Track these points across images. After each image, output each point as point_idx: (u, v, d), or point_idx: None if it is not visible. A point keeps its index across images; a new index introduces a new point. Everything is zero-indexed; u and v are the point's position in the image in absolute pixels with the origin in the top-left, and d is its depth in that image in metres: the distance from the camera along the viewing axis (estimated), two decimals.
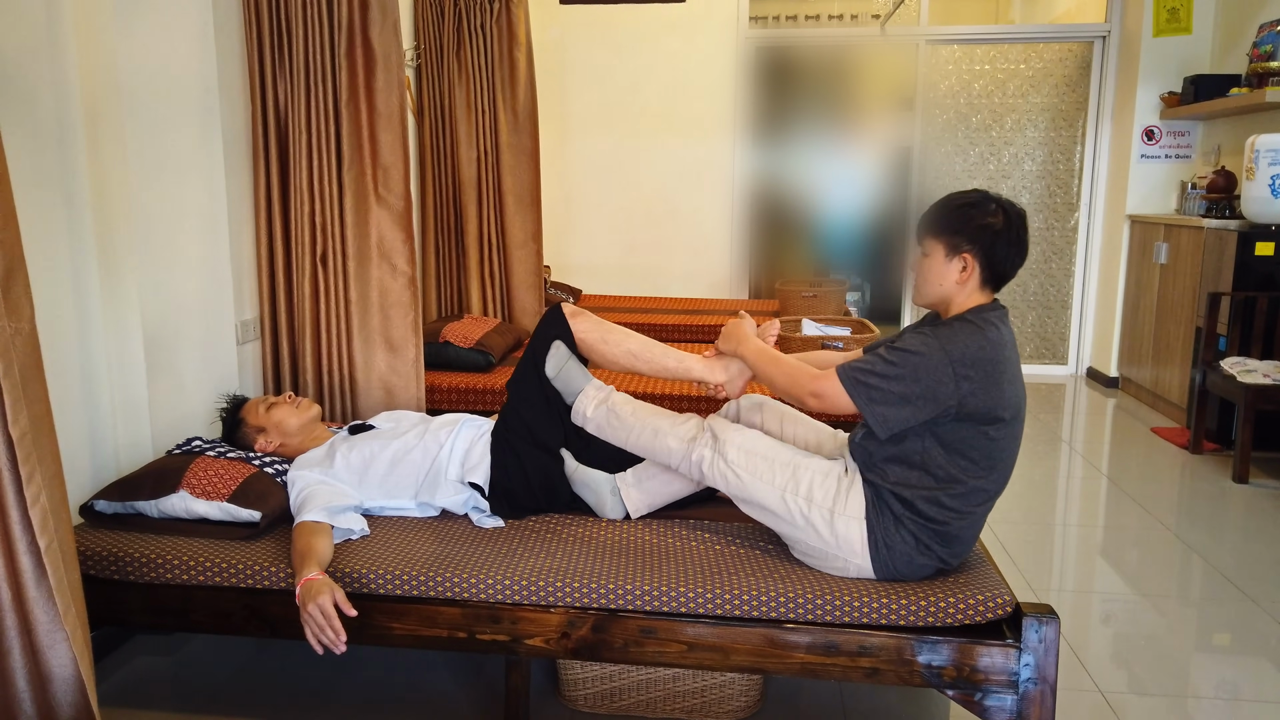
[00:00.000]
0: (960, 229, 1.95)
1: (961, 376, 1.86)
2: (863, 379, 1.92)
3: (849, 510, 1.98)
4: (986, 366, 1.87)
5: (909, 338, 1.96)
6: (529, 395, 2.32)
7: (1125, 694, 2.37)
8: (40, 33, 2.24)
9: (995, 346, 1.90)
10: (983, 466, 1.95)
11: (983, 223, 1.94)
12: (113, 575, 2.10)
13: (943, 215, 1.99)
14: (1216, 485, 3.96)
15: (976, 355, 1.87)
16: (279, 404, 2.52)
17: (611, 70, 6.07)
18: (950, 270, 1.97)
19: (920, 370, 1.87)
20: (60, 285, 2.33)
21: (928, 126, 6.07)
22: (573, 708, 2.26)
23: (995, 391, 1.88)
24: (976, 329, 1.91)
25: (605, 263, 6.27)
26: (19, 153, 2.16)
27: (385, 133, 2.98)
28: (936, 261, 1.99)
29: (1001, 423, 1.92)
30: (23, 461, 1.56)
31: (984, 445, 1.93)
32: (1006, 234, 1.94)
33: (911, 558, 1.96)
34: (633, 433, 2.24)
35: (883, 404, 1.90)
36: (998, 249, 1.94)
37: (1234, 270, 4.34)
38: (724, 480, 2.10)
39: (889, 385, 1.90)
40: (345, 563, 2.05)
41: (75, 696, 1.67)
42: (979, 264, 1.95)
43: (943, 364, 1.86)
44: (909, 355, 1.89)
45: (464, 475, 2.29)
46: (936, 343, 1.89)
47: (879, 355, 1.94)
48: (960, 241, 1.95)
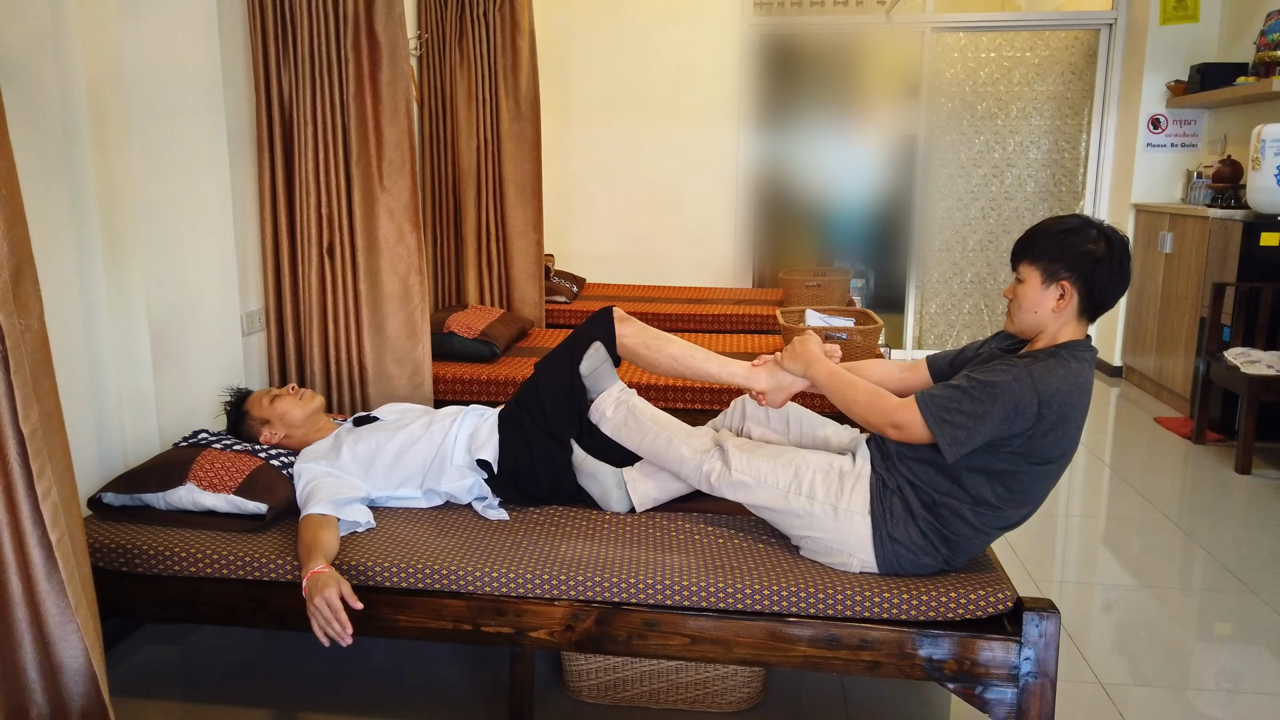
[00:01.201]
0: (1059, 255, 1.89)
1: (1043, 416, 1.82)
2: (949, 417, 1.86)
3: (853, 505, 2.00)
4: (1068, 406, 1.83)
5: (999, 369, 1.87)
6: (554, 379, 2.34)
7: (1125, 685, 2.39)
8: (45, 27, 2.24)
9: (1082, 392, 1.86)
10: (1018, 498, 1.93)
11: (1083, 249, 1.88)
12: (121, 567, 2.12)
13: (1041, 241, 1.92)
14: (1219, 476, 3.97)
15: (1065, 398, 1.82)
16: (283, 396, 2.53)
17: (615, 58, 6.05)
18: (1047, 298, 1.91)
19: (1008, 406, 1.82)
20: (66, 279, 2.34)
21: (933, 114, 6.05)
22: (576, 698, 2.29)
23: (1063, 435, 1.86)
24: (1069, 367, 1.86)
25: (608, 252, 6.27)
26: (25, 147, 2.16)
27: (391, 125, 2.98)
28: (1033, 288, 1.92)
29: (1057, 464, 1.90)
30: (34, 457, 1.57)
31: (1027, 482, 1.92)
32: (1108, 262, 1.87)
33: (917, 555, 1.97)
34: (647, 436, 2.26)
35: (966, 442, 1.86)
36: (1098, 277, 1.88)
37: (1239, 260, 4.33)
38: (731, 489, 2.13)
39: (975, 424, 1.84)
40: (351, 555, 2.06)
41: (87, 687, 1.69)
42: (1078, 292, 1.89)
43: (1030, 398, 1.81)
44: (997, 390, 1.83)
45: (471, 457, 2.31)
46: (1030, 380, 1.83)
47: (965, 391, 1.86)
48: (1059, 268, 1.89)
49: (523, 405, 2.35)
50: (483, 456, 2.30)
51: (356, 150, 2.99)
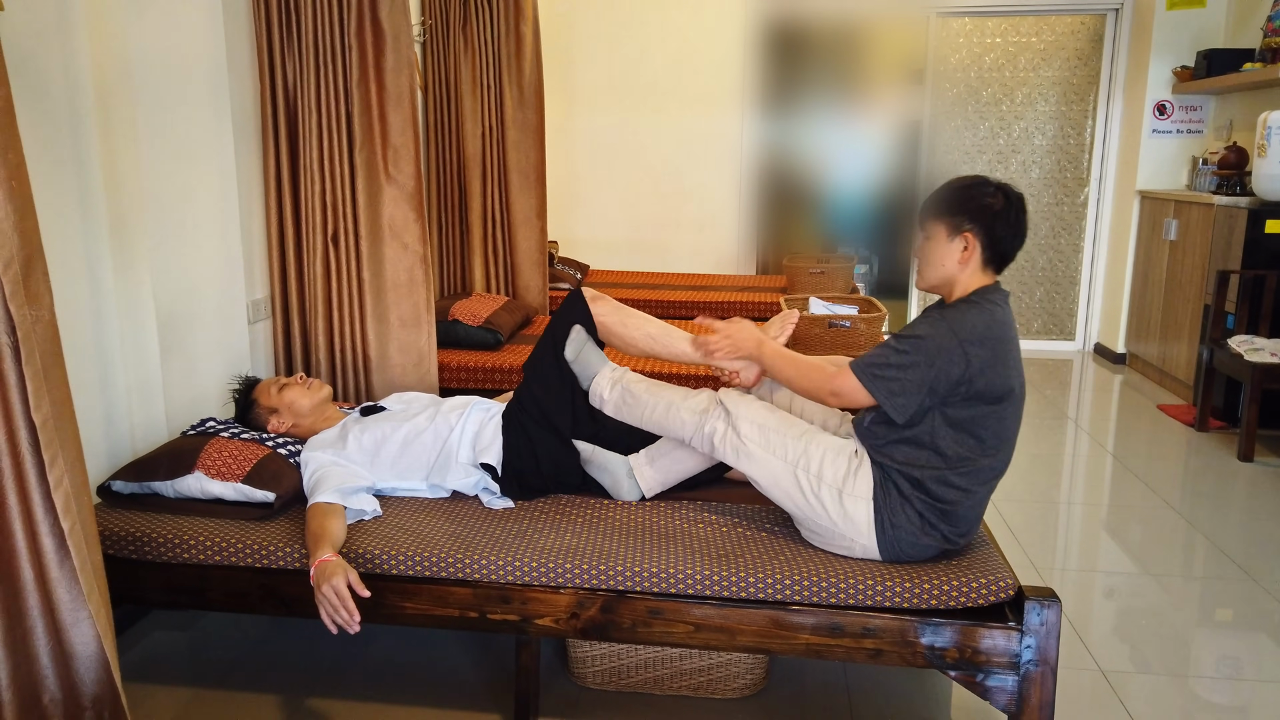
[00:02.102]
0: (960, 209, 2.00)
1: (972, 355, 1.91)
2: (879, 372, 1.96)
3: (857, 490, 2.02)
4: (994, 345, 1.92)
5: (917, 324, 2.00)
6: (544, 377, 2.35)
7: (1126, 672, 2.40)
8: (51, 19, 2.25)
9: (1001, 326, 1.95)
10: (990, 445, 1.99)
11: (983, 203, 1.98)
12: (130, 555, 2.14)
13: (943, 197, 2.04)
14: (1222, 463, 3.98)
15: (984, 334, 1.92)
16: (291, 385, 2.55)
17: (618, 44, 6.03)
18: (952, 251, 2.01)
19: (932, 352, 1.92)
20: (74, 268, 2.35)
21: (937, 100, 6.03)
22: (581, 684, 2.31)
23: (1002, 369, 1.93)
24: (982, 309, 1.96)
25: (612, 238, 6.27)
26: (32, 138, 2.17)
27: (395, 113, 2.98)
28: (939, 243, 2.03)
29: (1007, 400, 1.96)
30: (45, 446, 1.59)
31: (991, 424, 1.97)
32: (1006, 214, 1.98)
33: (916, 538, 1.99)
34: (647, 409, 2.27)
35: (901, 394, 1.95)
36: (998, 228, 1.98)
37: (1243, 248, 4.32)
38: (735, 454, 2.13)
39: (905, 374, 1.94)
40: (359, 543, 2.08)
41: (99, 673, 1.71)
42: (980, 243, 1.99)
43: (952, 344, 1.91)
44: (920, 340, 1.94)
45: (476, 457, 2.32)
46: (945, 325, 1.94)
47: (890, 346, 1.98)
48: (961, 221, 1.99)
49: (522, 406, 2.36)
50: (487, 460, 2.31)
51: (361, 138, 2.99)
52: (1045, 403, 4.90)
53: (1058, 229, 6.09)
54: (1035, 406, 4.82)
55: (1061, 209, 6.07)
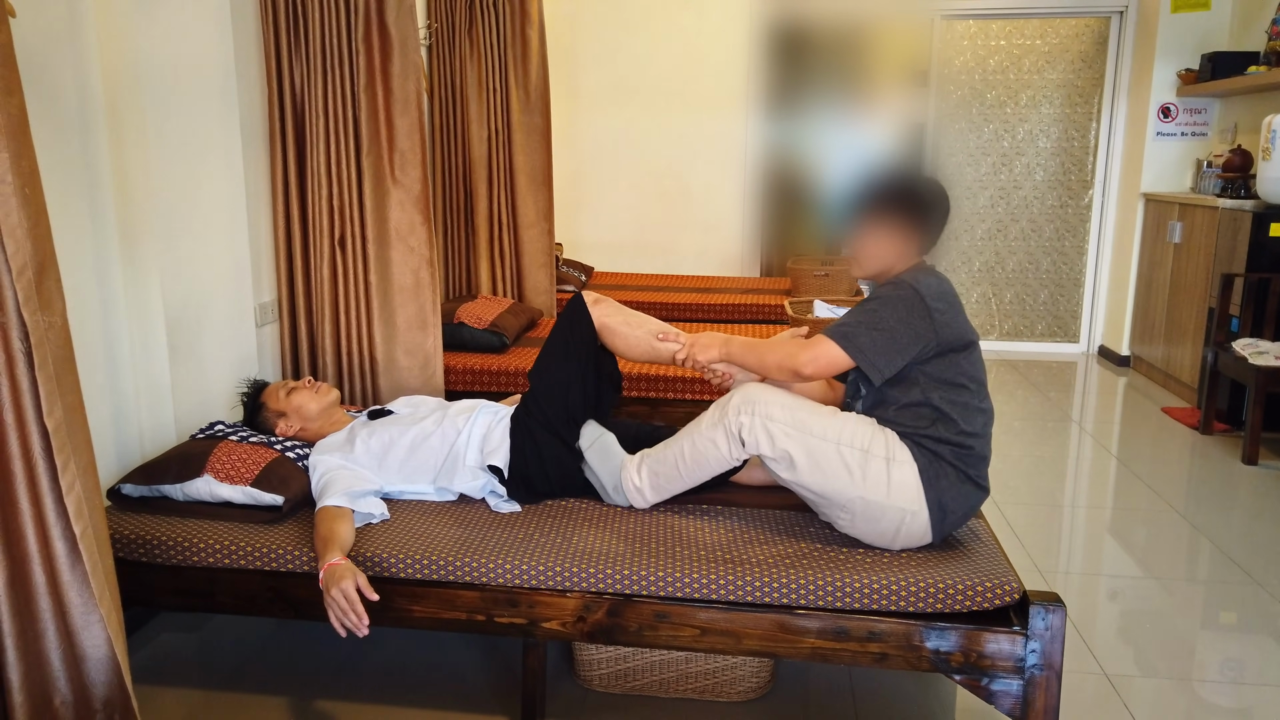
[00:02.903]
0: (899, 207, 2.13)
1: (934, 309, 2.03)
2: (850, 331, 2.05)
3: (899, 456, 2.04)
4: (949, 298, 2.08)
5: (879, 289, 2.12)
6: (549, 384, 2.35)
7: (1131, 676, 2.41)
8: (62, 25, 2.26)
9: (948, 283, 2.12)
10: (974, 390, 2.09)
11: (914, 200, 2.13)
12: (140, 557, 2.16)
13: (876, 196, 2.17)
14: (1226, 467, 3.98)
15: (939, 289, 2.07)
16: (299, 389, 2.56)
17: (623, 46, 6.04)
18: (892, 246, 2.15)
19: (900, 309, 2.03)
20: (84, 272, 2.36)
21: (942, 102, 6.04)
22: (587, 687, 2.32)
23: (961, 320, 2.08)
24: (929, 272, 2.13)
25: (617, 240, 6.28)
26: (42, 144, 2.18)
27: (402, 117, 3.00)
28: (877, 239, 2.16)
29: (971, 347, 2.10)
30: (58, 451, 1.60)
31: (968, 369, 2.09)
32: (938, 207, 2.14)
33: (957, 489, 2.04)
34: (676, 462, 2.21)
35: (873, 351, 2.03)
36: (933, 221, 2.15)
37: (1248, 251, 4.33)
38: (771, 441, 2.05)
39: (876, 333, 2.03)
40: (367, 547, 2.10)
41: (109, 676, 1.73)
42: (917, 236, 2.14)
43: (917, 300, 2.03)
44: (885, 300, 2.05)
45: (483, 460, 2.33)
46: (905, 284, 2.06)
47: (859, 309, 2.09)
48: (899, 220, 2.13)
49: (529, 411, 2.36)
50: (494, 463, 2.32)
51: (368, 142, 3.01)
52: (1049, 405, 4.90)
53: (1062, 231, 6.10)
54: (1039, 409, 4.83)
55: (1066, 211, 6.07)
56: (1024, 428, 4.51)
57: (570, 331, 2.37)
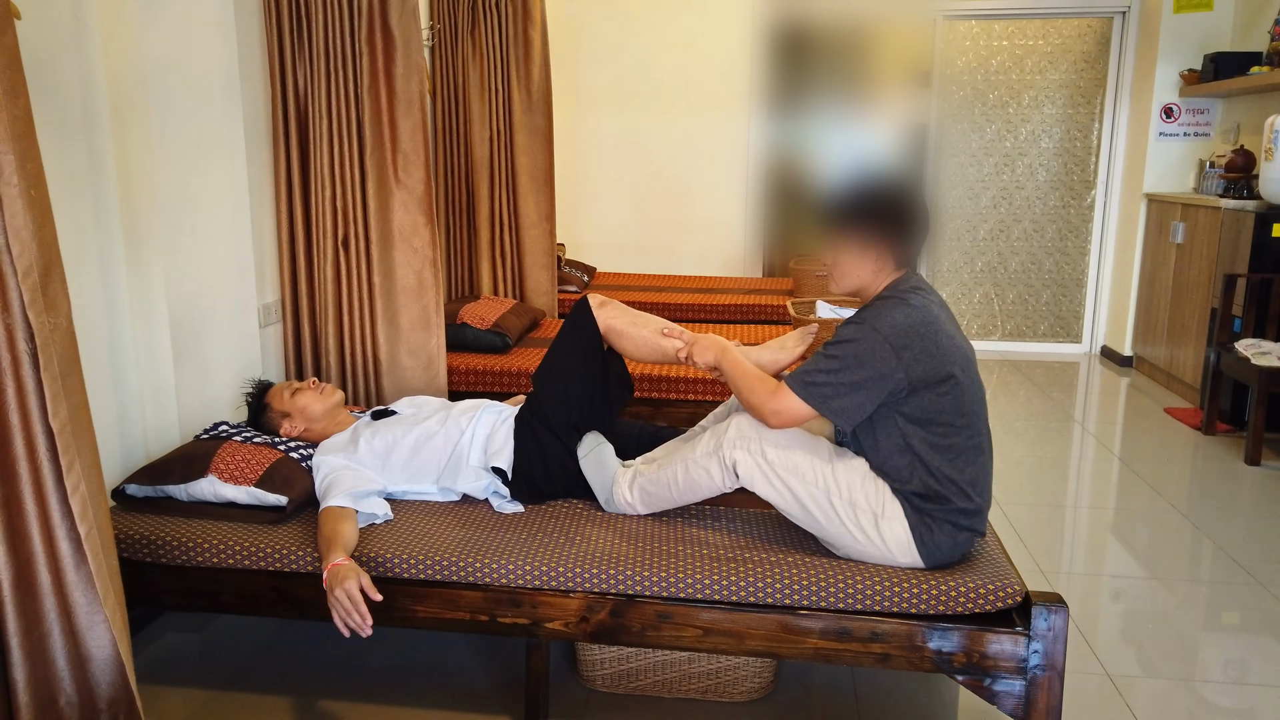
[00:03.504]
0: (867, 222, 2.03)
1: (899, 348, 1.92)
2: (811, 380, 1.96)
3: (890, 512, 2.00)
4: (919, 332, 1.93)
5: (841, 330, 2.01)
6: (552, 392, 2.34)
7: (1133, 676, 2.41)
8: (67, 27, 2.27)
9: (921, 311, 1.96)
10: (959, 426, 1.98)
11: (888, 212, 2.02)
12: (144, 558, 2.17)
13: (848, 211, 2.06)
14: (1228, 467, 3.98)
15: (906, 326, 1.93)
16: (303, 389, 2.57)
17: (625, 47, 6.05)
18: (865, 263, 2.05)
19: (861, 355, 1.93)
20: (88, 274, 2.37)
21: (944, 103, 6.04)
22: (590, 687, 2.33)
23: (936, 354, 1.94)
24: (899, 302, 1.98)
25: (619, 241, 6.29)
26: (47, 146, 2.19)
27: (405, 118, 3.01)
28: (847, 257, 2.06)
29: (953, 380, 1.96)
30: (63, 452, 1.61)
31: (950, 405, 1.97)
32: (911, 216, 2.02)
33: (954, 541, 2.00)
34: (669, 485, 2.21)
35: (836, 398, 1.95)
36: (907, 232, 2.03)
37: (1251, 251, 4.33)
38: (765, 481, 2.07)
39: (837, 379, 1.94)
40: (370, 547, 2.10)
41: (114, 676, 1.74)
42: (891, 249, 2.03)
43: (879, 343, 1.92)
44: (846, 345, 1.95)
45: (487, 461, 2.34)
46: (867, 325, 1.95)
47: (821, 356, 1.99)
48: (868, 234, 2.03)
49: (533, 412, 2.37)
50: (498, 464, 2.32)
51: (371, 143, 3.01)
52: (1051, 405, 4.90)
53: (1064, 232, 6.10)
54: (1041, 409, 4.83)
55: (1068, 212, 6.07)
56: (1026, 428, 4.51)
57: (576, 334, 2.37)
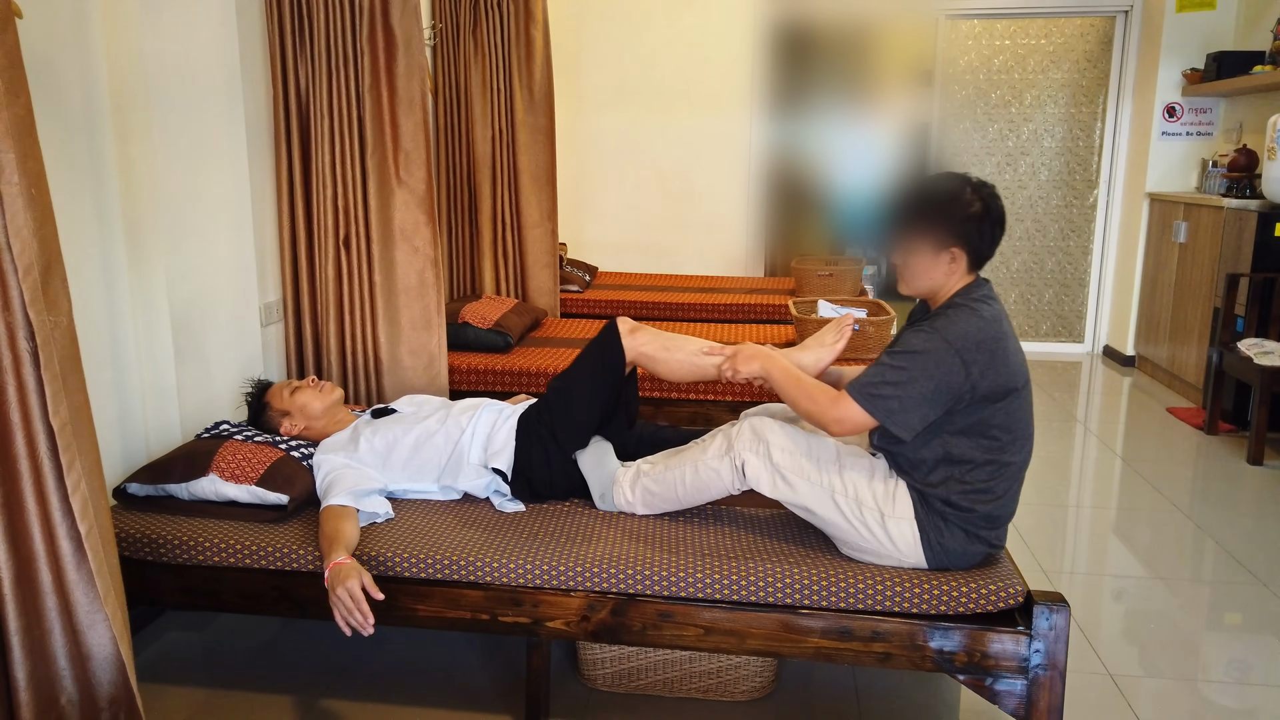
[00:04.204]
0: (943, 224, 1.96)
1: (970, 362, 1.88)
2: (877, 392, 1.92)
3: (898, 512, 1.99)
4: (989, 346, 1.90)
5: (909, 337, 1.96)
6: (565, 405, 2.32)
7: (1135, 676, 2.41)
8: (68, 26, 2.27)
9: (992, 324, 1.93)
10: (1005, 442, 1.97)
11: (965, 215, 1.95)
12: (145, 556, 2.17)
13: (922, 211, 2.00)
14: (1231, 467, 3.97)
15: (978, 337, 1.90)
16: (302, 388, 2.57)
17: (627, 47, 6.04)
18: (938, 264, 1.99)
19: (930, 366, 1.89)
20: (90, 273, 2.37)
21: (946, 102, 6.03)
22: (591, 686, 2.32)
23: (1003, 368, 1.91)
24: (971, 312, 1.94)
25: (620, 240, 6.28)
26: (49, 144, 2.19)
27: (407, 117, 3.01)
28: (921, 258, 2.00)
29: (1015, 394, 1.94)
30: (63, 450, 1.61)
31: (1002, 420, 1.95)
32: (988, 219, 1.96)
33: (964, 549, 1.99)
34: (675, 485, 2.20)
35: (901, 411, 1.91)
36: (982, 235, 1.96)
37: (1253, 251, 4.32)
38: (771, 483, 2.07)
39: (904, 391, 1.90)
40: (372, 546, 2.10)
41: (115, 675, 1.74)
42: (965, 253, 1.97)
43: (949, 354, 1.88)
44: (915, 355, 1.91)
45: (488, 460, 2.33)
46: (938, 336, 1.91)
47: (884, 364, 1.94)
48: (945, 236, 1.96)
49: (540, 417, 2.35)
50: (498, 465, 2.32)
51: (372, 142, 3.01)
52: (1054, 405, 4.90)
53: (1067, 231, 6.09)
54: (1044, 409, 4.82)
55: (1070, 211, 6.06)
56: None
57: (600, 355, 2.34)
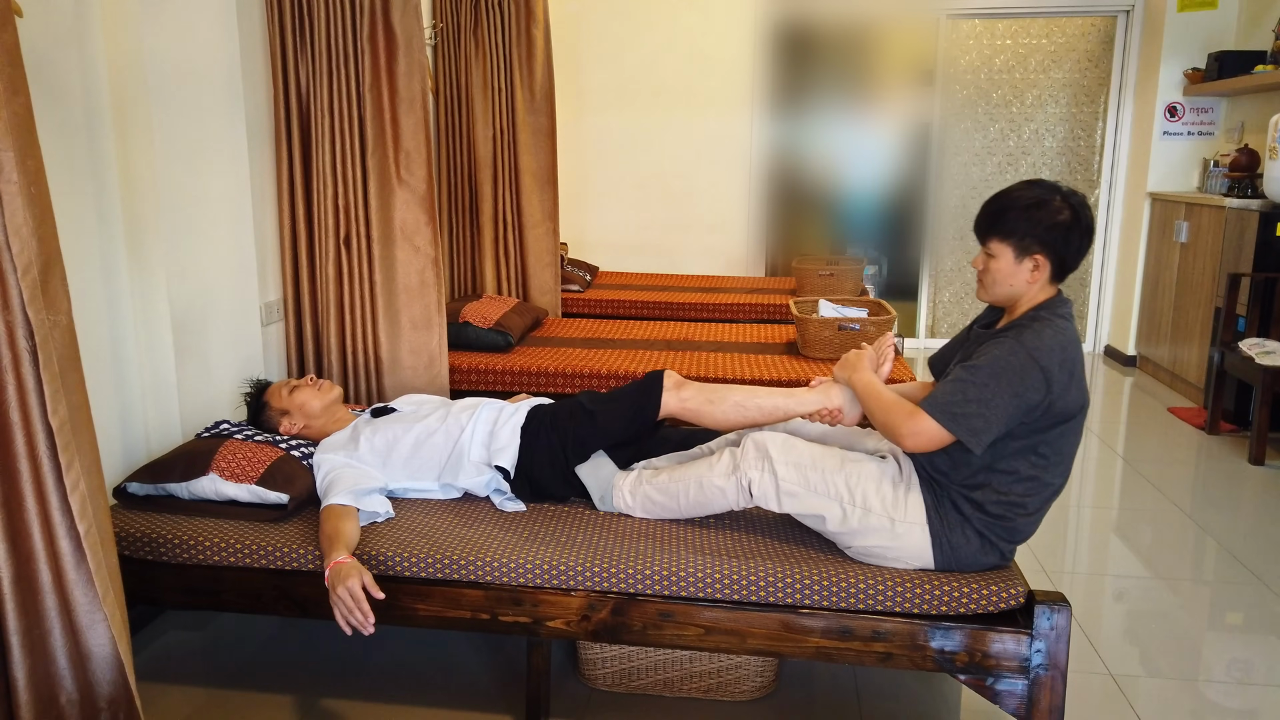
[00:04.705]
0: (1029, 231, 1.92)
1: (1052, 379, 1.85)
2: (959, 409, 1.88)
3: (909, 516, 1.98)
4: (1070, 365, 1.87)
5: (990, 349, 1.91)
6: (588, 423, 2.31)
7: (1136, 676, 2.40)
8: (69, 24, 2.27)
9: (1075, 343, 1.91)
10: (1052, 462, 1.95)
11: (1053, 222, 1.90)
12: (146, 556, 2.16)
13: (1010, 218, 1.94)
14: (1232, 467, 3.97)
15: (1061, 355, 1.86)
16: (301, 387, 2.56)
17: (628, 46, 6.04)
18: (1021, 271, 1.95)
19: (1014, 381, 1.85)
20: (90, 272, 2.37)
21: (947, 102, 6.03)
22: (592, 686, 2.32)
23: (1077, 390, 1.89)
24: (1055, 326, 1.90)
25: (622, 240, 6.28)
26: (49, 143, 2.19)
27: (407, 116, 3.00)
28: (1005, 263, 1.95)
29: (1076, 418, 1.93)
30: (62, 450, 1.61)
31: (1055, 441, 1.93)
32: (1075, 228, 1.91)
33: (976, 556, 1.98)
34: (679, 497, 2.20)
35: (985, 430, 1.87)
36: (1069, 244, 1.92)
37: (1255, 250, 4.31)
38: (778, 500, 2.06)
39: (988, 410, 1.86)
40: (372, 545, 2.10)
41: (114, 675, 1.73)
42: (1050, 262, 1.93)
43: (1032, 369, 1.85)
44: (998, 371, 1.86)
45: (490, 457, 2.33)
46: (1024, 350, 1.86)
47: (966, 381, 1.89)
48: (1030, 243, 1.92)
49: (556, 421, 2.33)
50: (500, 462, 2.31)
51: (373, 142, 3.01)
52: None
53: None
54: None
55: None
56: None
57: (638, 403, 2.32)
